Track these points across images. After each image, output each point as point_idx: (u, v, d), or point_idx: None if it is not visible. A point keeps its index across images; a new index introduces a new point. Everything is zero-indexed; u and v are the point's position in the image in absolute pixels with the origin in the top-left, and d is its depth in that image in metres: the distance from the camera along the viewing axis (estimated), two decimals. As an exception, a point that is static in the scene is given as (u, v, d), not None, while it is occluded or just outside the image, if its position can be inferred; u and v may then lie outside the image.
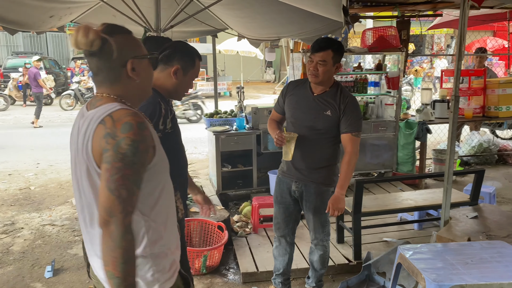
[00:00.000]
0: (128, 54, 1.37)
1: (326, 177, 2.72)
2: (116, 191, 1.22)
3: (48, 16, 4.07)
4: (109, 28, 1.35)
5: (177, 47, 2.00)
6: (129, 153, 1.24)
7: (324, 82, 2.60)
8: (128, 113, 1.29)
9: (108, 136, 1.25)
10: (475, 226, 3.06)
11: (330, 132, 2.64)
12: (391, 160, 5.40)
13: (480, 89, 5.61)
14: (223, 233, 3.61)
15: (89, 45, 1.29)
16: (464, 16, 2.88)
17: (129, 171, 1.24)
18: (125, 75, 1.38)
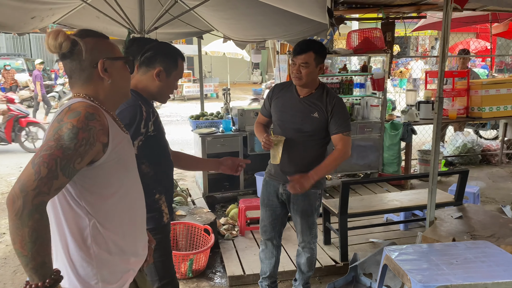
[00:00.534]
0: (99, 55, 1.38)
1: None
2: (37, 166, 1.17)
3: (29, 17, 3.99)
4: (82, 31, 1.38)
5: (158, 49, 1.97)
6: (65, 136, 1.21)
7: (308, 84, 2.59)
8: (83, 104, 1.28)
9: (55, 121, 1.26)
10: (460, 226, 3.08)
11: (317, 134, 2.63)
12: (377, 161, 5.43)
13: (463, 90, 5.68)
14: (209, 236, 3.59)
15: (59, 47, 1.31)
16: (447, 18, 2.91)
17: (59, 153, 1.19)
18: (96, 75, 1.38)
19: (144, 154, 1.88)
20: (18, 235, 1.14)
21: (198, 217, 3.91)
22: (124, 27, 3.80)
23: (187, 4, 4.09)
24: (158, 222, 1.98)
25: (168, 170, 2.10)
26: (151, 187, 1.93)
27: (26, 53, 20.62)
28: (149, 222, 1.90)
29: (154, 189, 1.96)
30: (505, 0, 3.43)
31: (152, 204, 1.94)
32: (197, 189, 5.42)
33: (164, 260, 2.04)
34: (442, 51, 3.00)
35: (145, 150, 1.88)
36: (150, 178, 1.92)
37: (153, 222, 1.96)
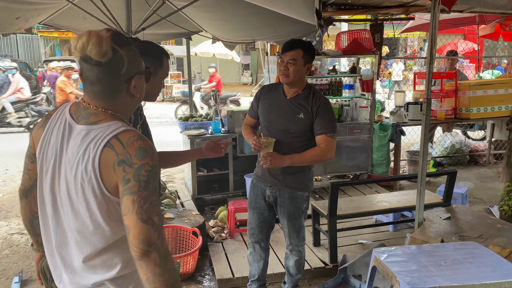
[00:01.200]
0: (134, 69, 1.30)
1: (300, 182, 2.69)
2: (149, 220, 1.20)
3: (14, 18, 3.92)
4: (119, 38, 1.28)
5: (142, 49, 1.91)
6: (151, 179, 1.22)
7: (295, 83, 2.58)
8: (136, 136, 1.25)
9: (124, 164, 1.21)
10: (448, 227, 3.10)
11: (303, 135, 2.61)
12: (366, 162, 5.44)
13: (451, 91, 5.73)
14: (197, 238, 3.55)
15: (102, 55, 1.22)
16: (435, 19, 2.92)
17: (154, 197, 1.23)
18: (125, 90, 1.31)
19: None
20: (162, 281, 1.21)
21: (187, 219, 3.87)
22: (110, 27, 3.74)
23: (175, 4, 4.05)
24: None
25: None
26: None
27: (13, 54, 20.31)
28: None
29: None
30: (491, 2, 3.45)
31: None
32: (186, 191, 5.38)
33: None
34: (430, 52, 3.01)
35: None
36: None
37: None
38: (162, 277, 1.20)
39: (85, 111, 1.30)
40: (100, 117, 1.28)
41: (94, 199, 1.25)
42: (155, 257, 1.19)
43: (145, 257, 1.19)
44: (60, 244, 1.35)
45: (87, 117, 1.28)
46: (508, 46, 13.53)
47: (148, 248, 1.19)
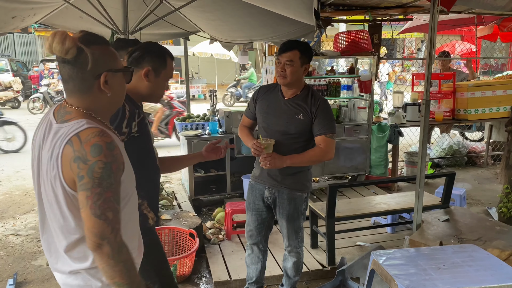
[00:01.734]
0: (102, 66, 1.35)
1: (299, 183, 2.67)
2: (103, 215, 1.26)
3: (10, 17, 3.89)
4: (87, 37, 1.34)
5: (146, 48, 1.92)
6: (105, 176, 1.26)
7: (293, 84, 2.56)
8: (95, 133, 1.28)
9: (79, 160, 1.26)
10: (447, 230, 3.08)
11: (303, 136, 2.59)
12: (364, 163, 5.42)
13: (450, 92, 5.71)
14: (194, 240, 3.52)
15: (64, 52, 1.29)
16: (434, 20, 2.90)
17: (109, 193, 1.28)
18: (97, 87, 1.36)
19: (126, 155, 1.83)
20: (116, 271, 1.29)
21: (184, 221, 3.84)
22: (107, 27, 3.72)
23: (172, 4, 4.03)
24: (143, 224, 1.89)
25: (153, 175, 2.03)
26: None
27: (10, 54, 20.24)
28: None
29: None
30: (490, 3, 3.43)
31: None
32: (183, 192, 5.35)
33: (159, 261, 2.00)
34: (429, 53, 2.99)
35: (127, 151, 1.81)
36: None
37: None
38: (115, 267, 1.28)
39: (63, 110, 1.38)
40: (72, 115, 1.35)
41: (61, 194, 1.32)
42: (108, 249, 1.26)
43: (98, 249, 1.27)
44: (44, 233, 1.48)
45: (63, 115, 1.36)
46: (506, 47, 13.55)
47: (100, 241, 1.26)
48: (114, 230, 1.28)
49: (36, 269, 3.60)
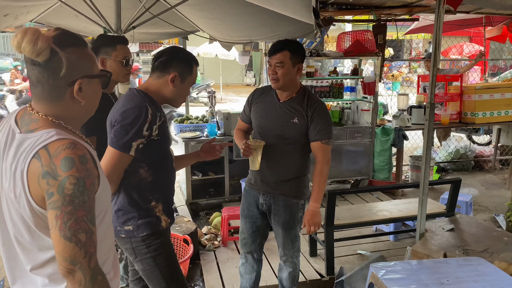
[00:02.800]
0: (78, 72, 1.19)
1: (296, 189, 2.53)
2: (73, 237, 1.11)
3: (2, 15, 3.79)
4: (63, 37, 1.17)
5: (173, 54, 1.89)
6: (76, 192, 1.11)
7: (286, 87, 2.42)
8: (66, 145, 1.13)
9: (48, 175, 1.10)
10: (451, 240, 2.93)
11: (298, 141, 2.45)
12: (367, 167, 5.27)
13: (456, 94, 5.55)
14: (188, 246, 3.40)
15: (35, 54, 1.12)
16: (439, 20, 2.75)
17: (82, 212, 1.12)
18: (69, 95, 1.21)
19: (145, 158, 1.84)
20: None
21: (178, 226, 3.71)
22: (99, 25, 3.60)
23: (169, 3, 3.90)
24: (155, 226, 1.92)
25: (169, 178, 2.03)
26: (147, 194, 1.89)
27: (15, 53, 20.28)
28: (146, 228, 1.89)
29: (151, 196, 1.90)
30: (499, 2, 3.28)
31: (148, 210, 1.90)
32: (180, 195, 5.22)
33: (169, 265, 1.96)
34: (434, 54, 2.84)
35: (145, 154, 1.83)
36: (148, 183, 1.88)
37: (149, 227, 1.90)
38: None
39: (28, 117, 1.21)
40: (39, 124, 1.19)
41: (28, 213, 1.16)
42: (80, 276, 1.12)
43: (69, 276, 1.12)
44: (8, 256, 1.28)
45: (28, 124, 1.20)
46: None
47: (72, 266, 1.11)
48: (87, 255, 1.12)
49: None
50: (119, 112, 1.81)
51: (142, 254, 1.93)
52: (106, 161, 1.79)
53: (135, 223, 1.89)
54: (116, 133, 1.79)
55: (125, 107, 1.80)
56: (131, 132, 1.76)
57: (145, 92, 1.88)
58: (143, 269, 1.96)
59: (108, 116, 1.91)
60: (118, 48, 2.39)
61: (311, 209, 2.43)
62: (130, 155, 1.79)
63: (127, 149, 1.77)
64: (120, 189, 1.88)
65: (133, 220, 1.89)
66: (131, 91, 1.91)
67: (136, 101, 1.81)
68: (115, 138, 1.78)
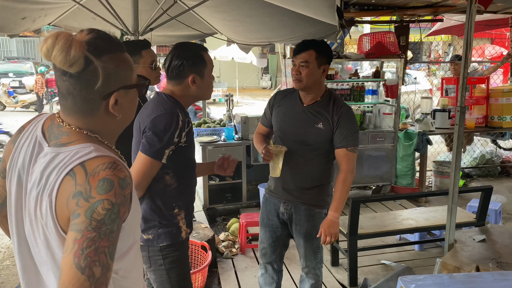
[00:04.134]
0: (114, 83, 1.05)
1: (319, 198, 2.40)
2: (87, 269, 0.92)
3: (20, 18, 3.77)
4: (98, 43, 1.02)
5: (181, 56, 1.81)
6: (107, 220, 0.94)
7: (310, 88, 2.30)
8: (106, 164, 0.98)
9: (80, 196, 0.95)
10: (484, 252, 2.76)
11: (322, 147, 2.33)
12: (389, 172, 5.10)
13: (482, 98, 5.35)
14: (206, 253, 3.30)
15: (68, 64, 0.97)
16: (471, 19, 2.62)
17: (105, 243, 0.94)
18: (103, 109, 1.06)
19: (171, 164, 1.79)
20: None
21: (196, 233, 3.62)
22: (117, 28, 3.55)
23: (187, 4, 3.83)
24: (176, 237, 1.87)
25: (192, 186, 1.99)
26: (171, 200, 1.85)
27: (35, 57, 20.62)
28: (166, 238, 1.84)
29: (174, 203, 1.86)
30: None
31: (170, 218, 1.86)
32: (197, 200, 5.13)
33: (180, 280, 1.91)
34: (464, 55, 2.70)
35: (172, 160, 1.79)
36: (172, 190, 1.84)
37: (169, 238, 1.86)
38: None
39: (58, 129, 1.06)
40: (72, 138, 1.04)
41: (54, 238, 1.00)
42: None
43: None
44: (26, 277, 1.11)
45: (59, 136, 1.05)
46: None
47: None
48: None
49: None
50: (150, 117, 1.76)
51: (156, 264, 1.88)
52: (138, 168, 1.75)
53: (155, 232, 1.84)
54: (149, 140, 1.73)
55: (156, 113, 1.75)
56: (164, 139, 1.72)
57: (173, 97, 1.84)
58: (154, 279, 1.92)
59: (136, 119, 1.86)
60: (144, 54, 2.36)
61: (330, 219, 2.28)
62: (162, 162, 1.75)
63: (160, 157, 1.74)
64: (145, 195, 1.83)
65: (154, 229, 1.84)
66: (160, 96, 1.85)
67: (166, 107, 1.77)
68: (148, 145, 1.73)
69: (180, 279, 1.91)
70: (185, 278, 1.95)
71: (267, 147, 2.29)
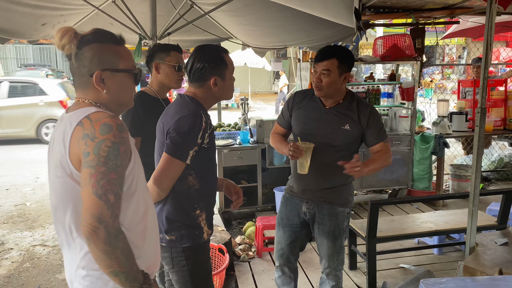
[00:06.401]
0: (98, 65, 1.35)
1: (342, 197, 2.40)
2: (104, 196, 1.20)
3: (40, 24, 3.84)
4: (90, 36, 1.35)
5: (202, 58, 1.84)
6: (111, 155, 1.23)
7: (330, 95, 2.31)
8: (106, 115, 1.28)
9: (87, 137, 1.24)
10: (506, 255, 2.71)
11: (347, 148, 2.33)
12: (406, 176, 5.05)
13: (500, 100, 5.28)
14: (224, 256, 3.30)
15: (61, 47, 1.32)
16: (491, 20, 2.58)
17: (114, 175, 1.23)
18: (92, 84, 1.36)
19: (194, 165, 1.82)
20: (112, 259, 1.22)
21: (212, 236, 3.62)
22: (135, 33, 3.59)
23: (203, 9, 3.87)
24: (198, 238, 1.88)
25: (214, 187, 2.01)
26: (193, 201, 1.86)
27: (51, 64, 20.96)
28: (189, 239, 1.86)
29: (196, 204, 1.87)
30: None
31: (193, 219, 1.87)
32: (213, 204, 5.15)
33: (204, 281, 1.93)
34: (485, 56, 2.67)
35: (195, 161, 1.81)
36: (195, 191, 1.86)
37: (192, 239, 1.87)
38: (112, 254, 1.22)
39: (73, 104, 1.41)
40: (78, 105, 1.37)
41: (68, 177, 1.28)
42: (104, 235, 1.19)
43: (93, 234, 1.19)
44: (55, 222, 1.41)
45: (71, 108, 1.38)
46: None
47: (97, 224, 1.19)
48: (113, 215, 1.21)
49: (60, 282, 3.48)
50: (174, 119, 1.79)
51: (179, 265, 1.89)
52: (162, 168, 1.77)
53: (179, 233, 1.86)
54: (173, 141, 1.76)
55: (180, 114, 1.78)
56: (188, 140, 1.76)
57: (196, 99, 1.86)
58: (177, 280, 1.92)
59: (159, 120, 1.90)
60: (172, 54, 2.45)
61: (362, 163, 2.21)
62: (186, 163, 1.78)
63: (185, 157, 1.77)
64: (168, 196, 1.85)
65: (177, 230, 1.86)
66: (183, 98, 1.88)
67: (190, 108, 1.80)
68: (173, 146, 1.76)
69: (202, 280, 1.91)
70: (208, 278, 1.96)
71: (296, 143, 2.27)
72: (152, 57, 2.46)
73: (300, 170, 2.30)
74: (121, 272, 1.25)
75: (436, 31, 5.41)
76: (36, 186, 6.46)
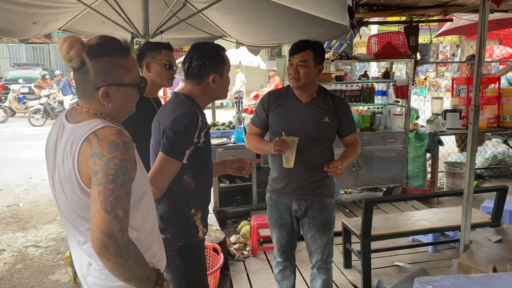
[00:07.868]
0: (104, 80, 1.33)
1: (328, 188, 2.49)
2: (113, 211, 1.23)
3: (31, 23, 3.80)
4: (97, 47, 1.32)
5: (202, 55, 1.83)
6: (119, 173, 1.25)
7: (307, 87, 2.37)
8: (112, 131, 1.29)
9: (95, 156, 1.25)
10: (500, 252, 2.71)
11: (329, 139, 2.45)
12: (400, 174, 5.06)
13: (494, 98, 5.29)
14: (218, 256, 3.28)
15: (68, 60, 1.29)
16: (484, 17, 2.58)
17: (122, 191, 1.26)
18: (97, 97, 1.35)
19: (189, 164, 1.82)
20: (126, 268, 1.27)
21: (207, 235, 3.60)
22: (128, 31, 3.56)
23: (196, 7, 3.84)
24: (193, 237, 1.88)
25: (209, 186, 2.01)
26: (189, 200, 1.86)
27: (44, 63, 20.82)
28: (184, 238, 1.86)
29: (191, 203, 1.87)
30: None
31: (188, 218, 1.87)
32: (207, 203, 5.13)
33: (199, 279, 1.94)
34: (478, 53, 2.66)
35: (191, 160, 1.82)
36: (190, 190, 1.86)
37: (187, 237, 1.87)
38: (125, 265, 1.26)
39: (75, 112, 1.38)
40: (83, 116, 1.35)
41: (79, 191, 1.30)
42: (115, 249, 1.22)
43: (104, 250, 1.21)
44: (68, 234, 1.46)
45: (75, 117, 1.37)
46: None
47: (107, 240, 1.21)
48: (121, 230, 1.24)
49: (53, 284, 3.44)
50: (170, 118, 1.77)
51: (174, 264, 1.88)
52: (159, 168, 1.76)
53: (174, 232, 1.85)
54: (169, 140, 1.75)
55: (176, 113, 1.77)
56: (185, 139, 1.75)
57: (191, 98, 1.85)
58: (171, 279, 1.91)
59: (155, 119, 1.88)
60: (163, 52, 2.43)
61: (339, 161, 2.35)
62: (182, 162, 1.77)
63: (181, 157, 1.77)
64: (164, 195, 1.84)
65: (172, 229, 1.85)
66: (178, 96, 1.87)
67: (186, 108, 1.79)
68: (169, 146, 1.75)
69: (197, 279, 1.91)
70: (202, 278, 1.95)
71: (282, 138, 2.28)
72: (142, 55, 2.43)
73: (286, 164, 2.32)
74: (135, 277, 1.31)
75: (430, 29, 5.41)
76: (29, 187, 6.41)
